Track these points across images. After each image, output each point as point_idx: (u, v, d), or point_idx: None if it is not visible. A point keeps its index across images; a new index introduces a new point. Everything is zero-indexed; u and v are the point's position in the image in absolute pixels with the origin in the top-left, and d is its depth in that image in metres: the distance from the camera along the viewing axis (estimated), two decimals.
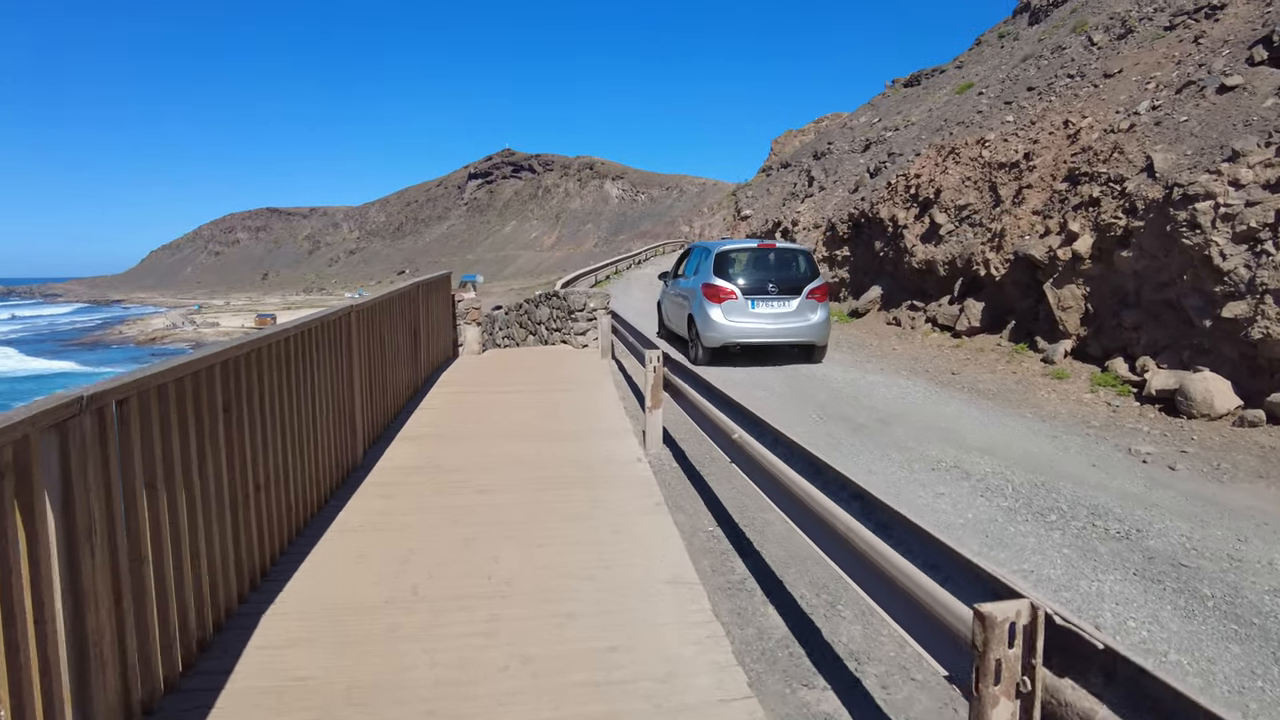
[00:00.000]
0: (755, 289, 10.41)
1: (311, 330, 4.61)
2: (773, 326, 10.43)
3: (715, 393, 5.07)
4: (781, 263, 11.04)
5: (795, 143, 69.71)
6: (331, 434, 4.97)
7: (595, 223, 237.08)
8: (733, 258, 10.83)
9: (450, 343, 10.15)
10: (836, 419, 7.73)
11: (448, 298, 10.00)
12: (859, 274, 16.57)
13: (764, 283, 10.49)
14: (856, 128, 36.73)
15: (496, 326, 15.00)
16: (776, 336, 10.51)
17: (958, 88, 23.26)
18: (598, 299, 11.16)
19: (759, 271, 10.72)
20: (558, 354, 10.77)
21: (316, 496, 4.63)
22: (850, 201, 17.72)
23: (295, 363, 4.30)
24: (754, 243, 11.77)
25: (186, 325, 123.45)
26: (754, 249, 11.23)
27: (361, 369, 5.75)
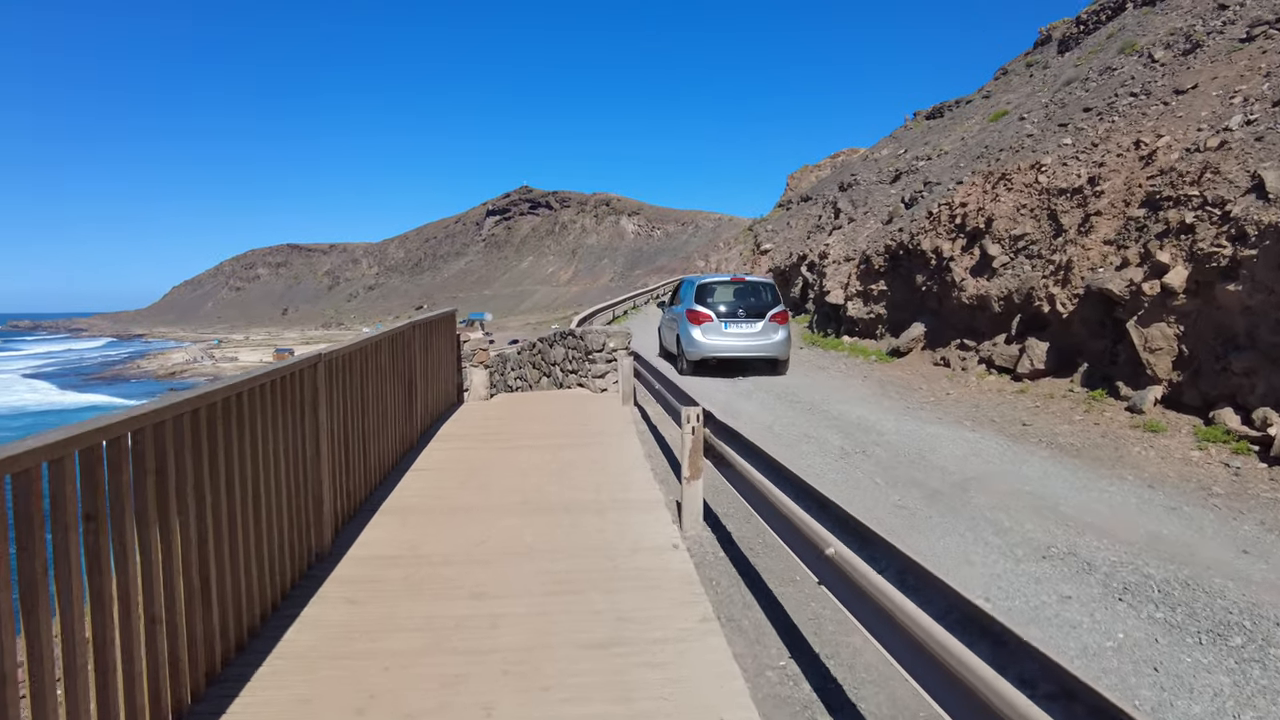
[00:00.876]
0: (728, 313, 12.36)
1: (257, 391, 3.54)
2: (741, 343, 12.30)
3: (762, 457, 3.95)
4: (750, 292, 12.94)
5: (812, 178, 69.28)
6: (286, 520, 3.87)
7: (611, 258, 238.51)
8: (711, 288, 12.77)
9: (454, 387, 9.10)
10: (905, 483, 6.54)
11: (452, 338, 8.98)
12: (898, 310, 15.42)
13: (735, 308, 12.44)
14: (881, 159, 35.89)
15: (508, 366, 13.95)
16: (745, 352, 12.34)
17: (991, 116, 22.30)
18: (617, 338, 10.09)
19: (731, 299, 12.60)
20: (574, 399, 9.68)
21: (259, 606, 3.51)
22: (885, 233, 16.64)
23: (228, 437, 3.23)
24: (728, 276, 13.72)
25: (205, 360, 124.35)
26: (728, 281, 13.19)
27: (333, 433, 4.67)
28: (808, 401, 10.62)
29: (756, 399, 10.87)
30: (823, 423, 9.14)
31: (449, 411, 8.74)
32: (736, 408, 10.20)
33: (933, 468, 7.05)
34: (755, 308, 12.53)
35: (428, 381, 7.75)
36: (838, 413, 9.79)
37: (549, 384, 11.74)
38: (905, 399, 10.75)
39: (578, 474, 6.12)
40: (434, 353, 8.08)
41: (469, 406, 9.07)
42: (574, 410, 8.94)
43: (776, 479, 3.92)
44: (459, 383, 9.23)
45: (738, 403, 10.57)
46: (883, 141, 47.28)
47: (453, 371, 8.99)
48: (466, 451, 6.99)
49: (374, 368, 5.69)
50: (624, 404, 9.15)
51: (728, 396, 11.07)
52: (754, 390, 11.49)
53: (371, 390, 5.61)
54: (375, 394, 5.71)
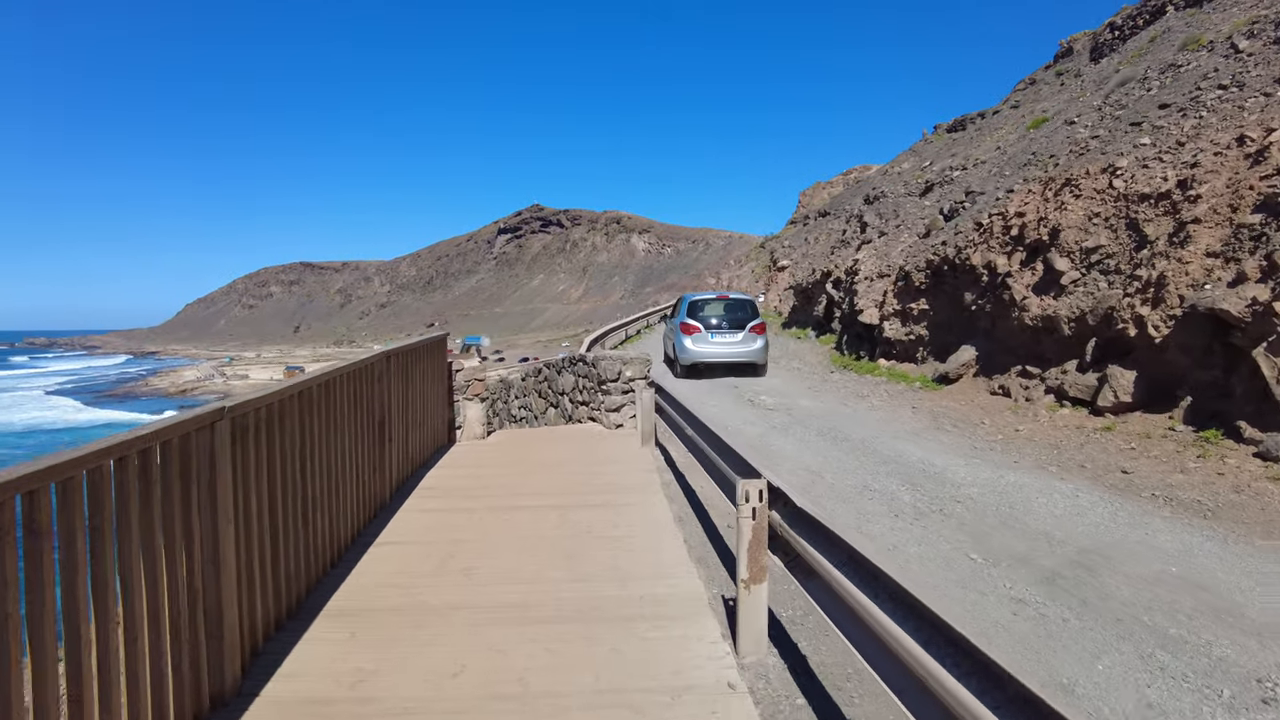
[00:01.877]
0: (714, 325, 14.31)
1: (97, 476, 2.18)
2: (725, 351, 14.20)
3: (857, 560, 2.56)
4: (734, 307, 14.83)
5: (824, 194, 68.20)
6: (149, 663, 2.50)
7: (622, 275, 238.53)
8: (701, 304, 14.78)
9: (444, 425, 7.75)
10: (1007, 559, 5.10)
11: (442, 367, 7.65)
12: (941, 331, 14.00)
13: (720, 321, 14.37)
14: (903, 173, 34.59)
15: (511, 394, 12.59)
16: (728, 358, 14.23)
17: (1030, 123, 20.94)
18: (635, 366, 8.72)
19: (719, 314, 14.51)
20: (584, 438, 8.29)
21: None
22: (925, 247, 15.25)
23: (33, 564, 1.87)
24: (715, 294, 15.59)
25: (217, 377, 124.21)
26: (715, 299, 15.03)
27: (248, 517, 3.30)
28: (855, 438, 9.19)
29: (794, 435, 9.45)
30: (880, 467, 7.71)
31: (437, 455, 7.37)
32: (772, 446, 8.78)
33: (1033, 534, 5.61)
34: (737, 321, 14.51)
35: (408, 421, 6.39)
36: (893, 453, 8.36)
37: (556, 416, 10.36)
38: (967, 436, 9.30)
39: (592, 551, 4.72)
40: (417, 386, 6.72)
41: (461, 448, 7.70)
42: (585, 453, 7.54)
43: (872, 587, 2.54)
44: (450, 419, 7.88)
45: (773, 439, 9.16)
46: (902, 155, 46.13)
47: (442, 406, 7.64)
48: (451, 514, 5.59)
49: (323, 413, 4.33)
50: (643, 445, 7.76)
51: (760, 431, 9.66)
52: (790, 425, 10.08)
53: (319, 444, 4.25)
54: (325, 448, 4.34)
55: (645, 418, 7.74)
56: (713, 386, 13.74)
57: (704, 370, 14.52)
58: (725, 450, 4.51)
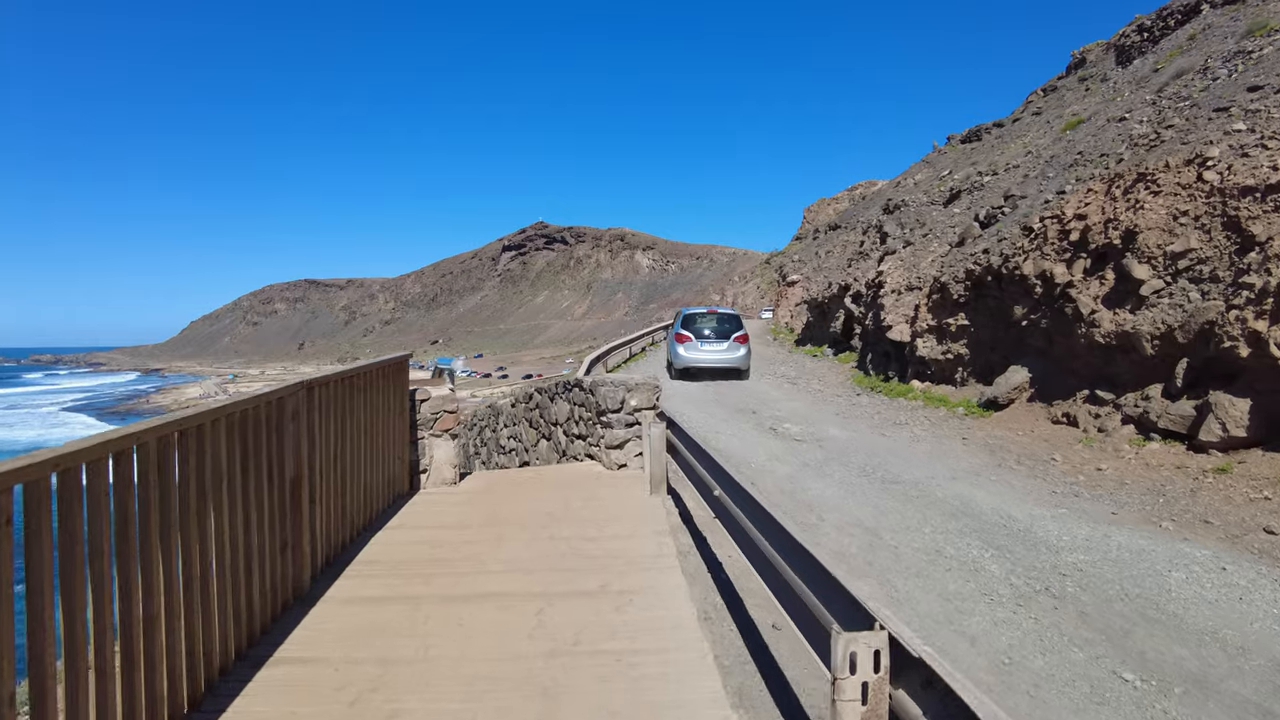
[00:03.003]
0: (704, 335, 16.09)
1: None
2: (712, 357, 15.90)
3: None
4: (722, 320, 16.63)
5: (830, 210, 66.93)
6: None
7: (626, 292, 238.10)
8: (693, 317, 16.71)
9: (403, 469, 6.22)
10: (1176, 679, 3.55)
11: (402, 397, 6.14)
12: (984, 349, 12.46)
13: (710, 332, 16.15)
14: (920, 182, 33.20)
15: (500, 421, 11.07)
16: (715, 364, 15.92)
17: (1065, 125, 19.51)
18: (641, 393, 7.19)
19: (707, 325, 16.35)
20: (580, 483, 6.75)
21: None
22: (962, 256, 13.74)
23: None
24: (706, 309, 17.27)
25: (220, 394, 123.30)
26: (706, 313, 16.88)
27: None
28: (907, 479, 7.63)
29: (832, 475, 7.90)
30: (948, 522, 6.16)
31: (391, 509, 5.83)
32: (810, 491, 7.23)
33: (1194, 634, 4.05)
34: (723, 332, 16.34)
35: (345, 472, 4.86)
36: (957, 500, 6.81)
37: (549, 450, 8.83)
38: (1040, 477, 7.73)
39: (581, 683, 3.17)
40: (361, 422, 5.21)
41: (425, 499, 6.16)
42: (579, 505, 5.99)
43: None
44: (413, 461, 6.35)
45: (808, 481, 7.60)
46: (914, 167, 44.86)
47: (401, 446, 6.12)
48: (388, 609, 4.04)
49: (192, 474, 2.82)
50: (652, 493, 6.21)
51: (791, 470, 8.11)
52: (825, 461, 8.52)
53: (171, 528, 2.73)
54: (164, 540, 2.81)
55: (655, 459, 6.19)
56: (728, 413, 12.20)
57: (695, 373, 16.35)
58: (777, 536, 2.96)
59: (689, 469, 5.50)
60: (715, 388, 15.17)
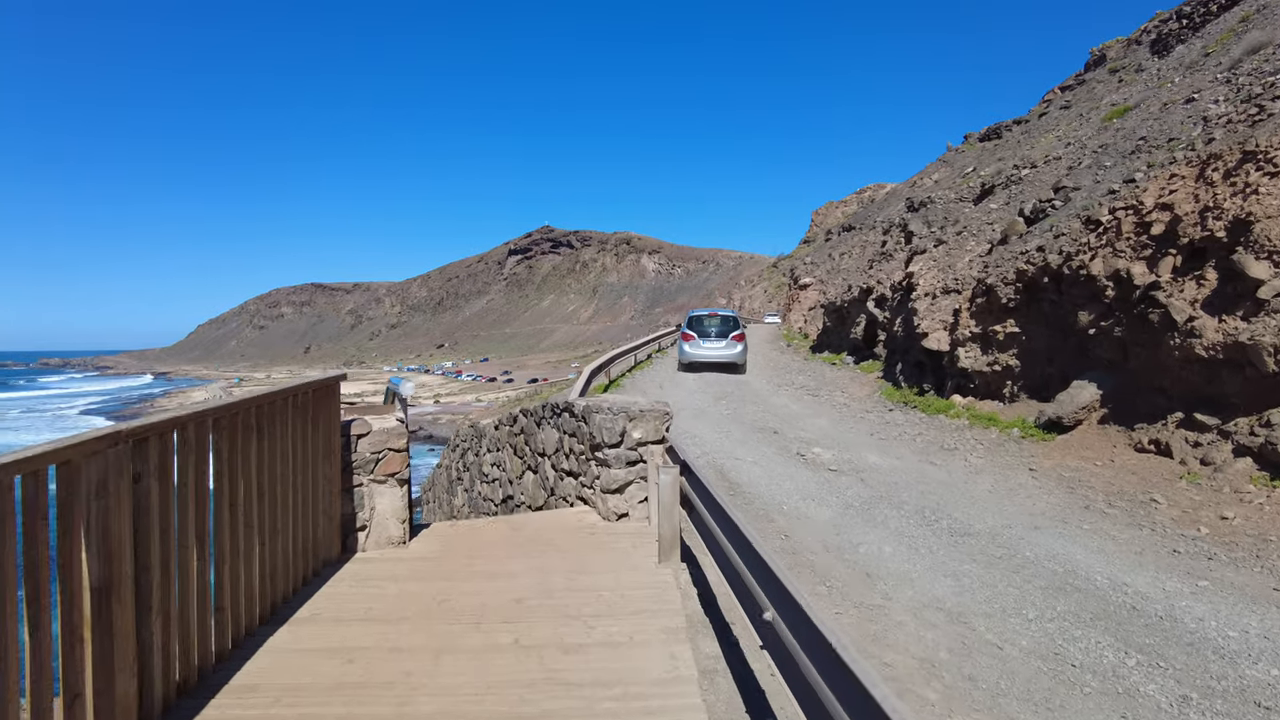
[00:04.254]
0: (705, 334, 18.46)
1: None
2: (713, 354, 18.17)
3: None
4: (723, 320, 18.90)
5: (837, 213, 65.37)
6: None
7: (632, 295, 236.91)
8: (698, 318, 19.07)
9: (333, 529, 4.70)
10: None
11: (331, 432, 4.61)
12: (1038, 361, 10.89)
13: (710, 330, 18.51)
14: (941, 181, 31.64)
15: (483, 446, 9.54)
16: (715, 359, 18.15)
17: (1109, 114, 17.90)
18: (646, 423, 5.65)
19: (708, 324, 18.73)
20: (566, 543, 5.18)
21: None
22: (1010, 255, 12.16)
23: None
24: (709, 311, 19.60)
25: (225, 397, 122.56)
26: (708, 314, 19.24)
27: None
28: (980, 529, 6.06)
29: (885, 521, 6.33)
30: (1055, 601, 4.59)
31: (308, 589, 4.31)
32: (862, 547, 5.66)
33: None
34: (723, 330, 18.44)
35: (228, 553, 3.35)
36: (1055, 562, 5.24)
37: (535, 485, 7.29)
38: (1144, 524, 6.15)
39: None
40: (262, 474, 3.70)
41: (356, 572, 4.61)
42: (561, 587, 4.41)
43: None
44: (346, 515, 4.82)
45: (857, 531, 6.04)
46: (930, 167, 43.35)
47: (328, 498, 4.59)
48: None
49: None
50: (661, 561, 4.67)
51: (832, 515, 6.55)
52: (873, 501, 6.95)
53: None
54: None
55: (665, 515, 4.65)
56: (745, 433, 10.65)
57: (698, 367, 18.45)
58: None
59: (714, 544, 3.96)
60: (730, 403, 13.63)
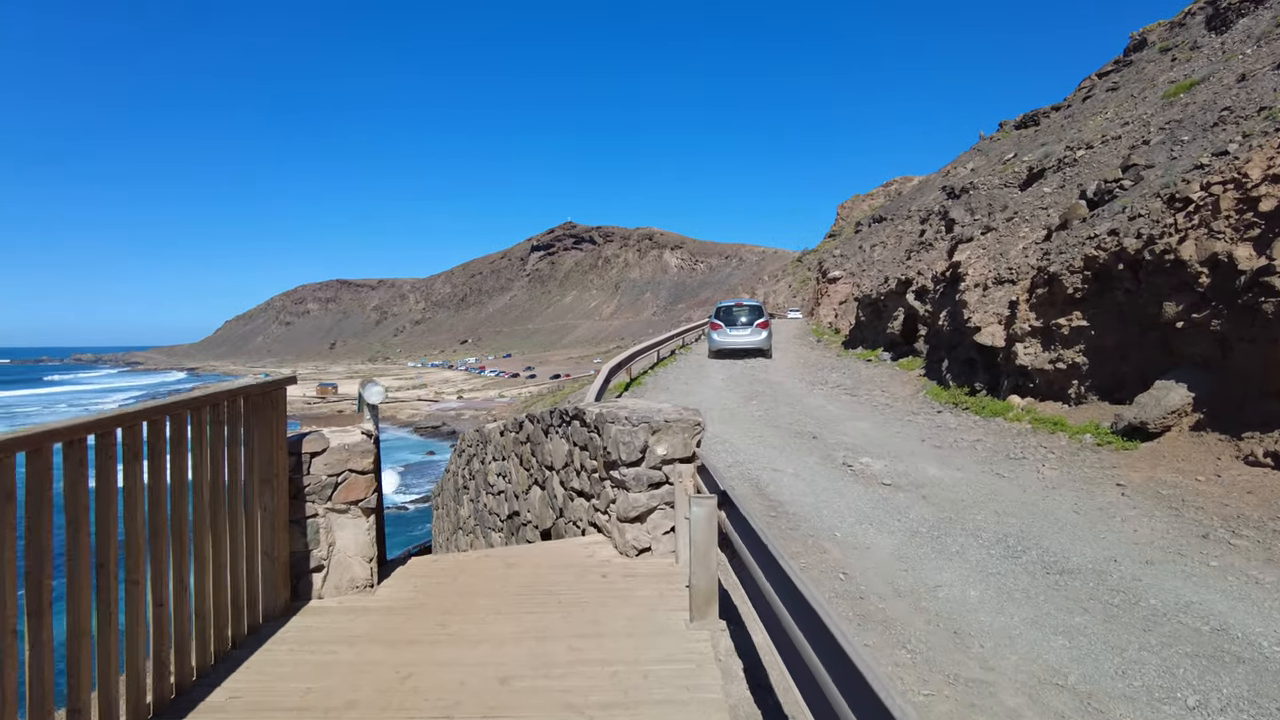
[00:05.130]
0: (732, 322, 20.21)
1: None
2: (739, 341, 19.75)
3: None
4: (748, 310, 20.60)
5: (864, 207, 63.66)
6: None
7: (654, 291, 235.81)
8: (725, 308, 20.89)
9: (278, 574, 3.68)
10: None
11: (273, 449, 3.60)
12: (1111, 358, 9.68)
13: (736, 319, 20.24)
14: (978, 169, 30.16)
15: (489, 453, 8.54)
16: (741, 345, 19.69)
17: (1172, 90, 16.50)
18: (673, 436, 4.58)
19: (735, 314, 20.46)
20: (574, 594, 4.06)
21: None
22: (1075, 240, 10.92)
23: None
24: (734, 301, 21.64)
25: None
26: (734, 304, 21.07)
27: None
28: (1080, 564, 4.93)
29: (966, 555, 5.23)
30: (1210, 670, 3.47)
31: (237, 657, 3.30)
32: (942, 593, 4.56)
33: None
34: (748, 318, 19.95)
35: (105, 621, 2.37)
36: (1193, 613, 4.12)
37: (542, 502, 6.27)
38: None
39: None
40: (158, 510, 2.71)
41: (303, 631, 3.57)
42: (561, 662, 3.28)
43: None
44: (297, 553, 3.82)
45: (935, 573, 4.94)
46: (963, 156, 41.83)
47: (271, 534, 3.58)
48: None
49: None
50: (694, 620, 3.63)
51: (898, 545, 5.45)
52: (941, 526, 5.83)
53: None
54: None
55: (700, 560, 3.59)
56: (783, 439, 9.56)
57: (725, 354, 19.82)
58: None
59: (762, 600, 2.90)
60: (761, 403, 12.54)
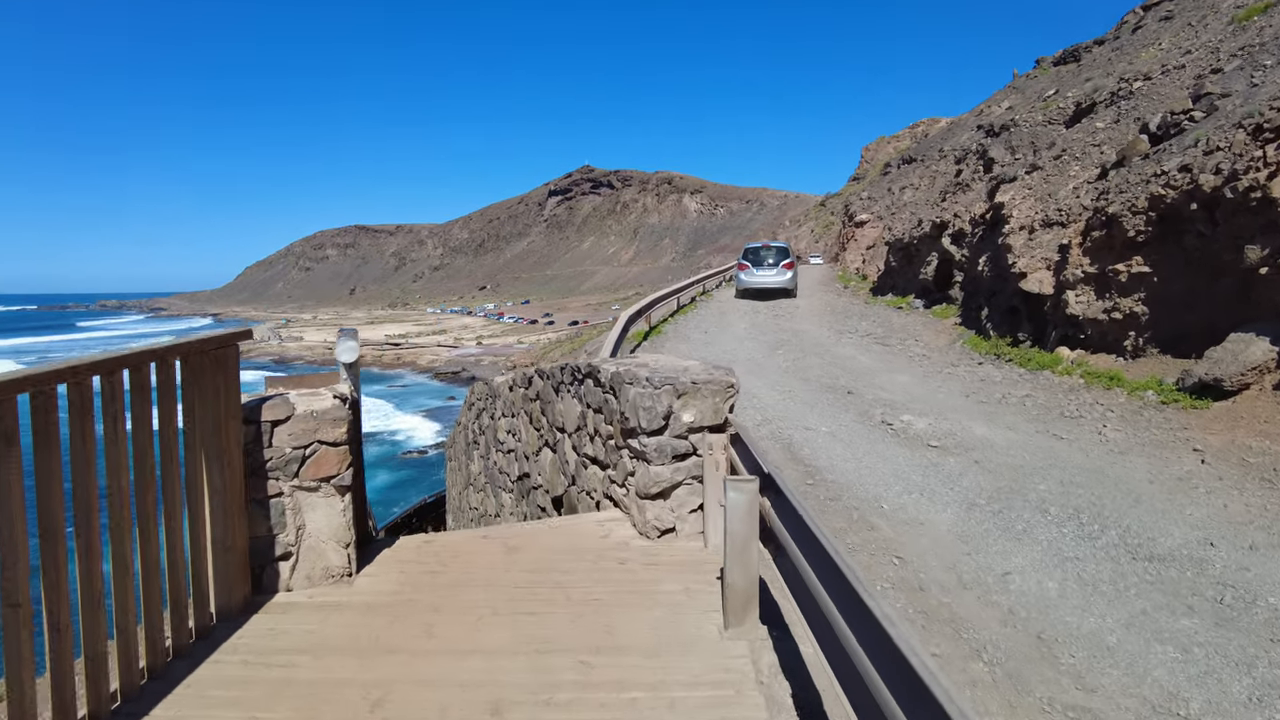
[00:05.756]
0: (759, 263, 20.95)
1: None
2: (765, 281, 20.52)
3: None
4: (774, 251, 21.40)
5: (890, 149, 61.37)
6: None
7: (673, 237, 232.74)
8: (752, 250, 21.78)
9: (236, 564, 3.10)
10: None
11: (225, 417, 3.01)
12: (1175, 308, 8.85)
13: (763, 260, 21.01)
14: (1016, 106, 28.57)
15: (498, 409, 7.95)
16: (768, 285, 20.42)
17: (1243, 14, 15.12)
18: (700, 400, 3.89)
19: (762, 255, 21.28)
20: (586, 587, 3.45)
21: None
22: (1138, 178, 9.95)
23: None
24: (762, 243, 22.48)
25: (273, 339, 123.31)
26: (761, 246, 21.94)
27: None
28: (1170, 549, 4.27)
29: (1035, 535, 4.58)
30: None
31: (176, 671, 2.75)
32: (1015, 584, 3.94)
33: None
34: (774, 259, 20.80)
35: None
36: None
37: (553, 467, 5.67)
38: None
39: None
40: (49, 506, 2.12)
41: (268, 629, 2.99)
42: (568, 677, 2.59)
43: None
44: (259, 538, 3.25)
45: (1003, 557, 4.30)
46: (998, 94, 39.98)
47: (225, 518, 3.00)
48: None
49: None
50: (730, 627, 3.02)
51: (955, 520, 4.80)
52: (1001, 498, 5.18)
53: None
54: None
55: (737, 556, 2.96)
56: (814, 394, 8.89)
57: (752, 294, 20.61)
58: None
59: (814, 609, 2.27)
60: (788, 353, 11.85)
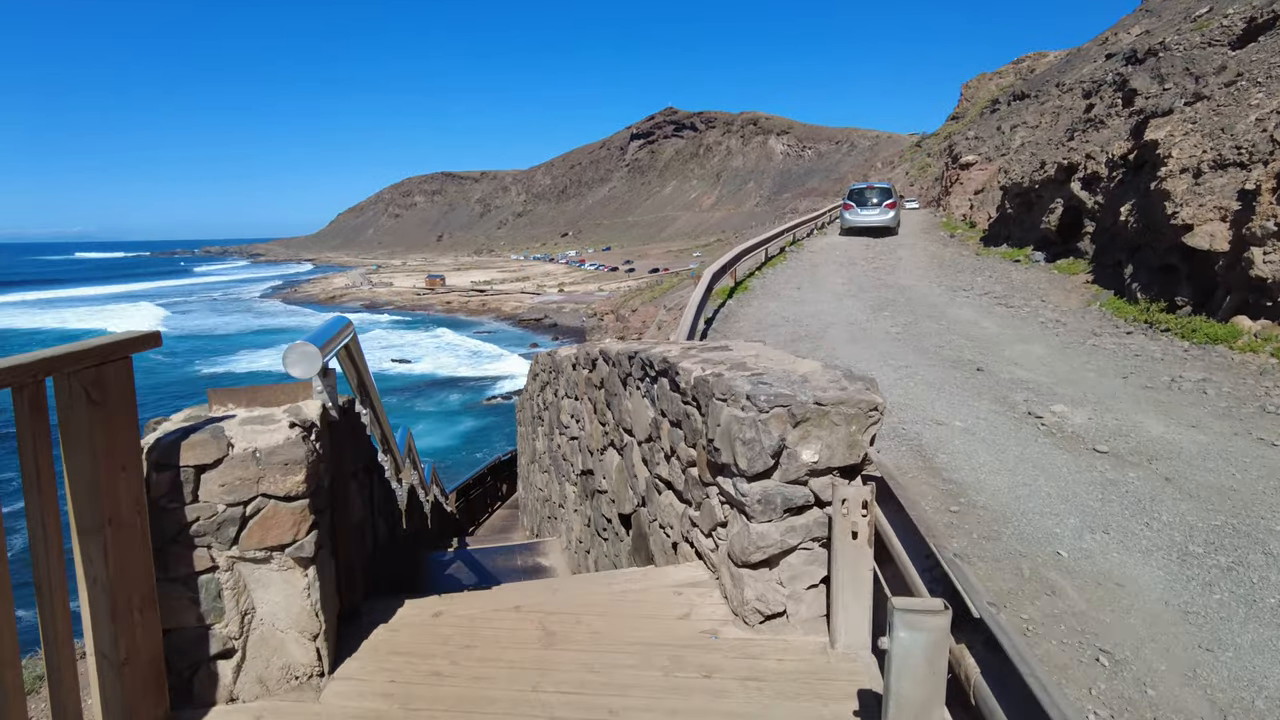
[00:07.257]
0: (863, 203, 22.14)
1: None
2: (868, 220, 21.73)
3: None
4: (876, 191, 22.65)
5: (991, 86, 56.47)
6: None
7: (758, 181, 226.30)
8: (857, 190, 23.07)
9: (142, 672, 2.14)
10: None
11: (104, 463, 2.07)
12: None
13: (866, 200, 22.20)
14: (1155, 30, 25.12)
15: (562, 387, 6.89)
16: (870, 223, 21.64)
17: None
18: (826, 431, 2.57)
19: (867, 195, 22.43)
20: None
21: None
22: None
23: None
24: (865, 184, 24.05)
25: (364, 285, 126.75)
26: (864, 186, 23.26)
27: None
28: None
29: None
30: None
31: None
32: None
33: None
34: (877, 199, 22.10)
35: None
36: None
37: (621, 478, 4.54)
38: None
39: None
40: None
41: None
42: None
43: None
44: (187, 628, 2.30)
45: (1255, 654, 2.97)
46: (1127, 19, 35.91)
47: (113, 621, 2.06)
48: None
49: None
50: None
51: (1168, 582, 3.47)
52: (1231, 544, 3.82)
53: None
54: None
55: (901, 708, 1.77)
56: (936, 370, 7.48)
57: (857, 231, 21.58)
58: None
59: None
60: (895, 315, 10.38)
